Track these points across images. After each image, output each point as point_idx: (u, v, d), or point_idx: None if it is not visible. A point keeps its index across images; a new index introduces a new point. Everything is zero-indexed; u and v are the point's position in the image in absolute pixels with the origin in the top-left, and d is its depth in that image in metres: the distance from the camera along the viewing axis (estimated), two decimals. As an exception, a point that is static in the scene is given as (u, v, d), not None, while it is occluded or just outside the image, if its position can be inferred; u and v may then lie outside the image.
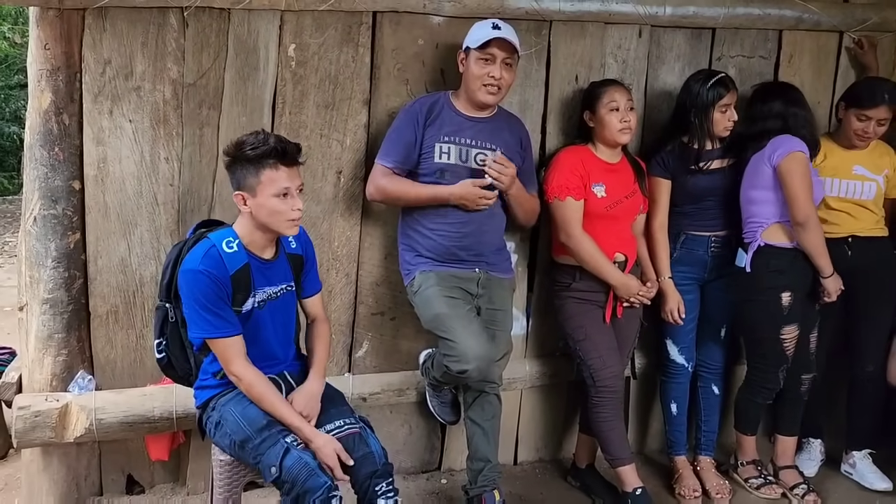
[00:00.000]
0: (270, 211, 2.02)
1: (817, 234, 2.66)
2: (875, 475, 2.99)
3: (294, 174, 2.05)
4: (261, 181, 2.00)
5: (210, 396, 2.13)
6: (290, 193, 2.03)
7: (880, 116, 2.77)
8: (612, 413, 2.68)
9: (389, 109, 2.67)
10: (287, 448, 1.94)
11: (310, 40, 2.57)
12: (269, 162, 2.00)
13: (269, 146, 1.99)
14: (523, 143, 2.65)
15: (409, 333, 2.82)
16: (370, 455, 2.05)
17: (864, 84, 2.91)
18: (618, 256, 2.65)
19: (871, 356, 2.96)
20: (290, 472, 1.91)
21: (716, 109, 2.72)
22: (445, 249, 2.50)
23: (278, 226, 2.05)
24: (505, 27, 2.46)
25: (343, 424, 2.11)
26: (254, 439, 1.98)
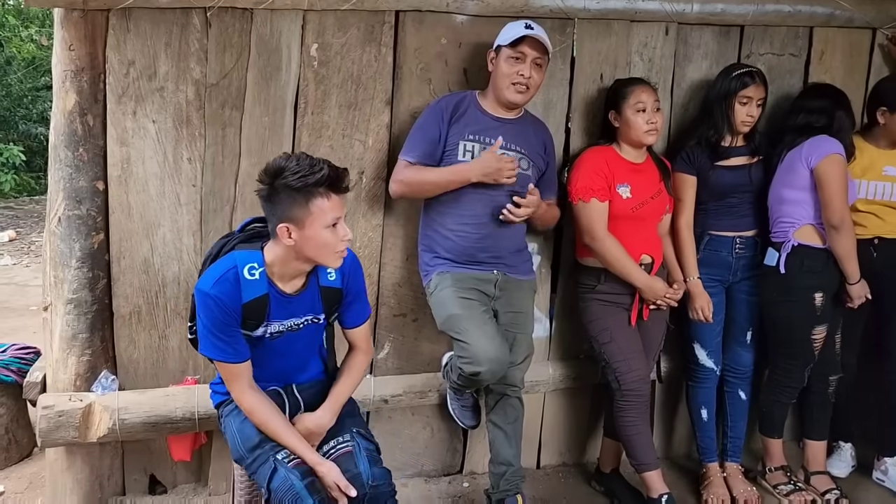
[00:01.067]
0: (320, 244, 1.87)
1: (850, 239, 2.61)
2: None
3: (343, 202, 1.89)
4: (311, 212, 1.83)
5: (219, 402, 2.12)
6: (339, 224, 1.88)
7: None
8: (637, 417, 2.63)
9: (412, 109, 2.65)
10: (274, 468, 1.88)
11: (332, 40, 2.55)
12: (319, 191, 1.82)
13: (322, 174, 1.81)
14: (547, 148, 2.61)
15: (431, 335, 2.80)
16: (357, 477, 1.96)
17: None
18: (644, 258, 2.61)
19: None
20: (276, 495, 1.86)
21: (737, 100, 2.67)
22: (464, 250, 2.47)
23: (325, 259, 1.91)
24: (538, 28, 2.44)
25: (336, 444, 2.04)
26: (247, 458, 1.95)
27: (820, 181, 2.59)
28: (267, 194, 1.86)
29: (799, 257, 2.66)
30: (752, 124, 2.70)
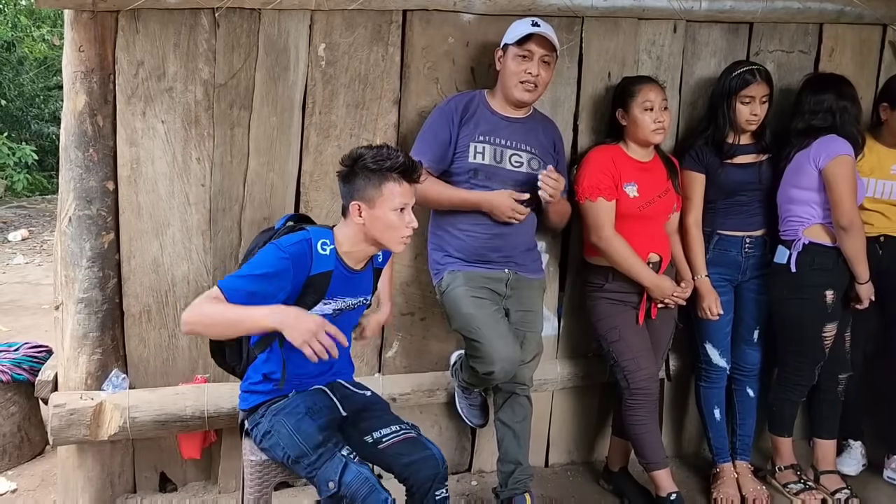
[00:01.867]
0: (387, 225, 2.00)
1: (859, 239, 2.60)
2: None
3: (413, 192, 2.04)
4: (382, 193, 1.98)
5: (259, 402, 2.10)
6: (406, 210, 2.02)
7: None
8: (646, 416, 2.63)
9: (419, 109, 2.65)
10: (346, 463, 1.91)
11: (340, 39, 2.56)
12: (393, 176, 1.98)
13: (398, 160, 1.98)
14: (556, 145, 2.61)
15: (439, 334, 2.80)
16: (431, 458, 2.01)
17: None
18: (652, 257, 2.60)
19: None
20: (349, 488, 1.88)
21: (738, 99, 2.67)
22: (474, 250, 2.47)
23: (389, 241, 2.04)
24: (545, 25, 2.44)
25: (399, 429, 2.08)
26: (310, 455, 1.94)
27: (829, 182, 2.58)
28: (345, 175, 2.03)
29: (810, 255, 2.65)
30: (756, 122, 2.69)
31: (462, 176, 2.47)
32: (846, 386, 2.86)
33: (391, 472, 2.02)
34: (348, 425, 2.08)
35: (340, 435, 2.02)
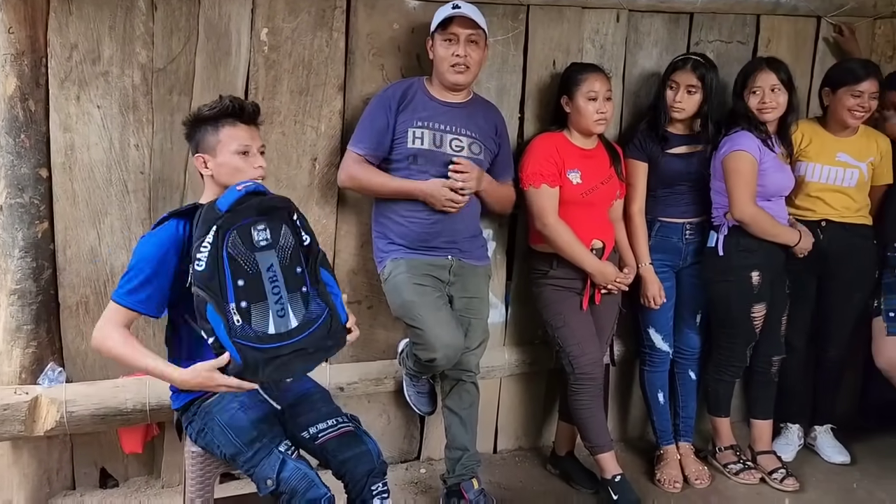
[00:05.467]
0: (232, 169, 1.97)
1: (763, 226, 2.69)
2: (834, 448, 3.08)
3: (254, 133, 2.03)
4: (220, 139, 1.97)
5: (190, 400, 2.04)
6: (250, 152, 1.99)
7: (872, 90, 2.77)
8: (591, 400, 2.67)
9: (365, 95, 2.63)
10: (283, 459, 1.87)
11: (283, 24, 2.52)
12: (227, 120, 1.98)
13: (225, 103, 1.98)
14: (498, 129, 2.62)
15: (387, 322, 2.79)
16: (367, 453, 1.99)
17: (843, 64, 2.90)
18: (595, 243, 2.64)
19: (836, 341, 3.03)
20: (287, 484, 1.84)
21: (667, 86, 2.72)
22: (417, 236, 2.47)
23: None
24: (466, 5, 2.44)
25: (336, 423, 2.05)
26: (245, 452, 1.90)
27: (724, 175, 2.68)
28: (187, 135, 2.05)
29: (735, 238, 2.73)
30: (681, 110, 2.72)
31: (402, 162, 2.46)
32: (780, 368, 2.94)
33: (328, 468, 2.00)
34: (287, 418, 2.04)
35: (281, 427, 1.99)
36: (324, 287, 1.95)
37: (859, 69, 2.77)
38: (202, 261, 1.80)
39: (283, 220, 1.91)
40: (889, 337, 2.87)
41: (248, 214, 1.85)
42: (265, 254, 1.86)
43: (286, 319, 1.85)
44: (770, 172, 2.69)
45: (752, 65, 2.79)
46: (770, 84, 2.70)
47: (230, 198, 1.86)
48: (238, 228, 1.83)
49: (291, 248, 1.91)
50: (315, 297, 1.92)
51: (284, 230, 1.90)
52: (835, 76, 2.86)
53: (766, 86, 2.70)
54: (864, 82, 2.74)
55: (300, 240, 1.94)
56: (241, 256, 1.82)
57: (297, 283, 1.88)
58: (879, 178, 2.91)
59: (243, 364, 1.79)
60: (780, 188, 2.75)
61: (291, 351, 1.84)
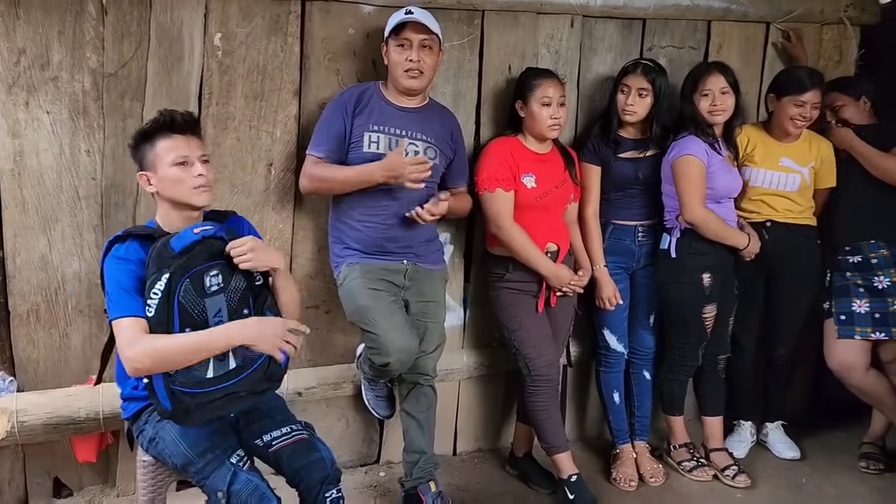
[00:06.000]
0: (172, 182, 1.95)
1: (713, 228, 2.75)
2: (784, 444, 3.16)
3: (192, 143, 1.99)
4: (157, 154, 1.96)
5: (140, 408, 2.03)
6: (188, 161, 1.96)
7: (815, 100, 2.83)
8: (547, 401, 2.70)
9: (320, 100, 2.63)
10: (234, 471, 1.87)
11: (236, 29, 2.51)
12: (161, 133, 1.96)
13: (158, 119, 1.97)
14: (454, 135, 2.64)
15: (345, 326, 2.79)
16: (321, 461, 2.00)
17: (790, 72, 2.96)
18: (549, 246, 2.67)
19: (785, 340, 3.11)
20: (238, 497, 1.84)
21: (618, 90, 2.77)
22: (373, 241, 2.48)
23: (184, 196, 1.96)
24: (419, 11, 2.46)
25: (290, 431, 2.05)
26: (196, 463, 1.89)
27: (674, 180, 2.74)
28: (132, 155, 2.03)
29: (687, 240, 2.78)
30: (632, 114, 2.77)
31: None
32: (726, 366, 3.02)
33: (282, 475, 2.00)
34: (241, 426, 2.04)
35: (235, 437, 1.99)
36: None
37: (805, 79, 2.83)
38: (152, 306, 1.81)
39: (234, 264, 1.92)
40: (840, 339, 2.94)
41: (202, 260, 1.87)
42: (214, 299, 1.89)
43: (225, 363, 1.88)
44: (718, 175, 2.75)
45: (702, 68, 2.84)
46: (720, 87, 2.75)
47: (185, 240, 1.86)
48: (192, 276, 1.85)
49: (241, 290, 1.94)
50: None
51: (237, 275, 1.94)
52: (780, 83, 2.92)
53: (716, 88, 2.75)
54: (807, 93, 2.81)
55: (252, 282, 1.97)
56: (190, 304, 1.85)
57: None
58: (823, 182, 2.98)
59: (172, 409, 1.82)
60: (728, 190, 2.81)
61: (224, 395, 1.87)
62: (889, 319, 2.87)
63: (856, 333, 2.90)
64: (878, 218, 2.91)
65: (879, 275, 2.88)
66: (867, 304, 2.89)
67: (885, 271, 2.87)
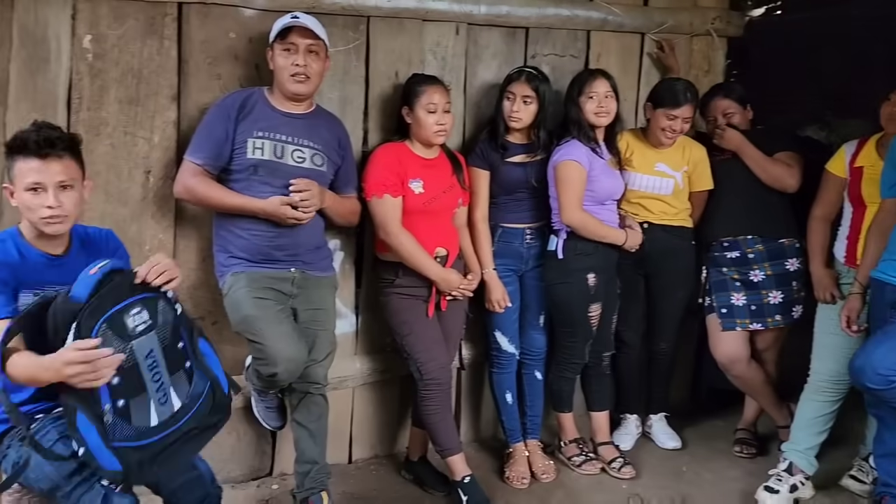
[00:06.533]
0: (24, 206, 1.84)
1: (591, 229, 2.85)
2: (667, 435, 3.31)
3: (50, 168, 1.81)
4: (15, 174, 1.84)
5: (4, 430, 1.90)
6: (42, 188, 1.81)
7: (686, 115, 2.97)
8: (440, 405, 2.72)
9: (201, 105, 2.56)
10: (106, 493, 1.75)
11: (108, 31, 2.41)
12: (22, 154, 1.81)
13: (20, 136, 1.83)
14: (342, 142, 2.63)
15: (233, 337, 2.70)
16: (198, 478, 1.93)
17: (666, 86, 3.06)
18: (439, 251, 2.70)
19: (665, 335, 3.26)
20: None
21: (504, 95, 2.84)
22: (259, 249, 2.44)
23: (36, 223, 1.85)
24: (305, 16, 2.44)
25: None
26: (63, 486, 1.78)
27: (556, 184, 2.83)
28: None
29: (573, 242, 2.88)
30: (518, 120, 2.84)
31: (243, 173, 2.42)
32: (610, 363, 3.14)
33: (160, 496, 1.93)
34: None
35: None
36: (202, 358, 1.86)
37: (679, 94, 2.95)
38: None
39: (156, 293, 1.77)
40: (724, 332, 3.10)
41: (116, 300, 1.69)
42: (143, 339, 1.72)
43: (168, 405, 1.75)
44: (600, 178, 2.86)
45: (587, 73, 2.94)
46: (604, 90, 2.87)
47: (86, 286, 1.68)
48: (107, 321, 1.67)
49: (171, 322, 1.79)
50: (198, 371, 1.83)
51: (161, 305, 1.78)
52: (657, 95, 3.04)
53: (602, 92, 2.86)
54: (680, 108, 2.94)
55: (175, 311, 1.82)
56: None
57: (179, 361, 1.79)
58: (698, 185, 3.14)
59: (124, 470, 1.67)
60: (610, 193, 2.92)
61: (177, 438, 1.76)
62: (764, 310, 3.05)
63: (737, 325, 3.07)
64: (755, 214, 3.07)
65: (755, 268, 3.05)
66: (744, 297, 3.06)
67: (759, 265, 3.05)
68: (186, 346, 1.81)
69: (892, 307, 2.43)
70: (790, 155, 3.04)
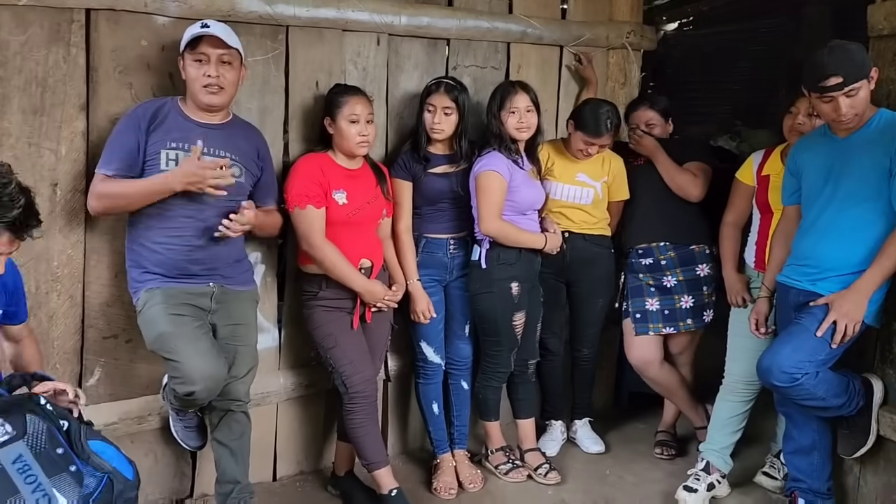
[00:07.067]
0: None
1: (510, 237, 2.88)
2: (591, 440, 3.38)
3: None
4: None
5: None
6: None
7: (604, 143, 3.05)
8: (366, 418, 2.70)
9: (111, 115, 2.47)
10: None
11: (9, 38, 2.30)
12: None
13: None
14: (260, 153, 2.57)
15: (148, 356, 2.60)
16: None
17: (590, 111, 3.02)
18: (363, 262, 2.68)
19: (587, 341, 3.34)
20: None
21: (424, 107, 2.86)
22: (174, 264, 2.36)
23: None
24: (216, 25, 2.38)
25: None
26: None
27: (476, 193, 2.86)
28: None
29: (496, 252, 2.90)
30: (440, 131, 2.86)
31: None
32: (535, 370, 3.18)
33: None
34: None
35: None
36: (96, 457, 1.83)
37: (601, 125, 2.97)
38: None
39: (27, 410, 1.75)
40: (637, 336, 3.18)
41: None
42: (8, 448, 1.69)
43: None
44: (521, 189, 2.89)
45: (508, 88, 2.95)
46: (525, 105, 2.90)
47: None
48: None
49: (45, 432, 1.76)
50: (88, 469, 1.78)
51: (30, 419, 1.75)
52: (580, 117, 3.05)
53: (523, 107, 2.90)
54: (600, 137, 3.00)
55: (56, 425, 1.80)
56: None
57: (61, 465, 1.74)
58: (616, 195, 3.22)
59: None
60: (531, 203, 2.96)
61: None
62: (677, 315, 3.15)
63: (650, 329, 3.16)
64: (667, 221, 3.17)
65: (668, 274, 3.15)
66: (658, 302, 3.16)
67: (672, 271, 3.14)
68: (67, 451, 1.78)
69: (796, 309, 2.54)
70: (698, 166, 3.16)
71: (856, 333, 2.40)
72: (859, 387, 2.55)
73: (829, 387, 2.44)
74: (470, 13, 3.16)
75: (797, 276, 2.55)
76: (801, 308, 2.52)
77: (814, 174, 2.54)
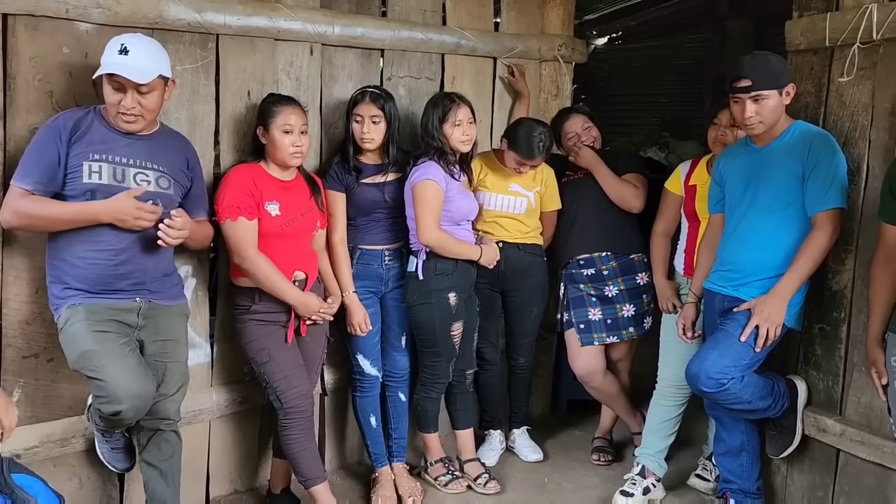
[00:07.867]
0: None
1: (447, 247, 2.88)
2: (529, 448, 3.40)
3: None
4: None
5: None
6: None
7: (535, 164, 3.09)
8: (302, 433, 2.65)
9: (31, 125, 2.36)
10: None
11: (-81, 43, 2.19)
12: None
13: None
14: (190, 163, 2.50)
15: (71, 375, 2.50)
16: None
17: (524, 133, 3.03)
18: (297, 275, 2.64)
19: (523, 350, 3.36)
20: None
21: (352, 118, 2.85)
22: (98, 279, 2.27)
23: None
24: (136, 51, 2.23)
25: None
26: None
27: (413, 203, 2.85)
28: None
29: (432, 262, 2.90)
30: (370, 141, 2.83)
31: (79, 198, 2.24)
32: (472, 380, 3.19)
33: None
34: None
35: None
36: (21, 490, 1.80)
37: (535, 149, 2.99)
38: None
39: None
40: (583, 347, 3.21)
41: None
42: None
43: None
44: (456, 199, 2.90)
45: (447, 101, 2.93)
46: (468, 118, 2.92)
47: None
48: None
49: None
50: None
51: None
52: (514, 137, 3.05)
53: (465, 119, 2.91)
54: (533, 160, 3.04)
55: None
56: None
57: None
58: (548, 205, 3.27)
59: None
60: (466, 213, 2.98)
61: None
62: (619, 323, 3.20)
63: (594, 339, 3.20)
64: (608, 232, 3.22)
65: (609, 284, 3.20)
66: (600, 312, 3.20)
67: (613, 281, 3.20)
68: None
69: (721, 314, 2.62)
70: (637, 177, 3.23)
71: (778, 337, 2.48)
72: (784, 389, 2.64)
73: (755, 390, 2.52)
74: (404, 24, 3.16)
75: (721, 282, 2.63)
76: (726, 313, 2.59)
77: (735, 183, 2.63)
